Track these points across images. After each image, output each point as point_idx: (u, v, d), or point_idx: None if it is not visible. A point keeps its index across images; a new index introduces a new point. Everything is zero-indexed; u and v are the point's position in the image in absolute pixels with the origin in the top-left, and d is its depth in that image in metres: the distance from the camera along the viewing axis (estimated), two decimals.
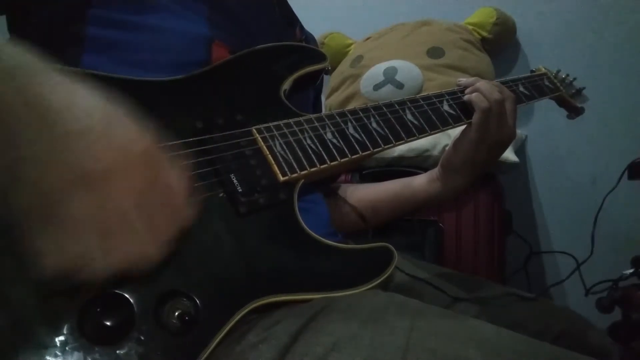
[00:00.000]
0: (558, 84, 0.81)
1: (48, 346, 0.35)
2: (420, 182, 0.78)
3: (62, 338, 0.36)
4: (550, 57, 1.47)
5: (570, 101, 0.86)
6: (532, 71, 0.87)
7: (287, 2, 0.80)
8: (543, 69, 0.86)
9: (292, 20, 0.80)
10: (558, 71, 0.88)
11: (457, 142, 0.72)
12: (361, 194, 0.83)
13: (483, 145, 0.69)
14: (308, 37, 0.83)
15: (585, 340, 0.66)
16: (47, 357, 0.35)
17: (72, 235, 0.33)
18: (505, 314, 0.68)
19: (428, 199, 0.77)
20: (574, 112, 0.87)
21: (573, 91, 0.87)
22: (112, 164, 0.34)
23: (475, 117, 0.69)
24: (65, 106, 0.33)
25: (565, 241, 1.43)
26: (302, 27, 0.81)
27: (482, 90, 0.69)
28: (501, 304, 0.70)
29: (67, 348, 0.36)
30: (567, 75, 0.88)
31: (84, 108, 0.34)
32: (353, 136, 0.60)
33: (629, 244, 1.24)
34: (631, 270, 0.89)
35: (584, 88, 0.88)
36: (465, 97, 0.71)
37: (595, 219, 0.95)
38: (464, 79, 0.74)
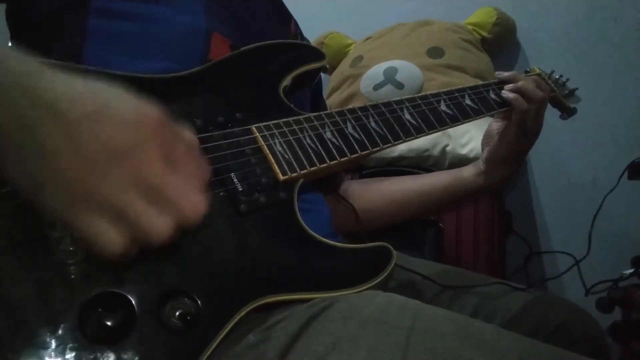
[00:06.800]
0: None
1: (48, 346, 0.35)
2: (469, 173, 0.81)
3: (62, 338, 0.36)
4: (550, 57, 1.47)
5: (563, 102, 0.87)
6: (526, 71, 0.87)
7: None
8: (537, 70, 0.87)
9: (285, 15, 0.80)
10: (552, 72, 0.88)
11: (503, 136, 0.76)
12: (391, 187, 0.85)
13: (526, 138, 0.74)
14: (301, 34, 0.83)
15: (583, 330, 0.68)
16: (47, 357, 0.35)
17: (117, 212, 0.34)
18: (503, 307, 0.69)
19: (478, 189, 0.80)
20: (567, 112, 0.88)
21: (566, 92, 0.88)
22: (130, 137, 0.34)
23: (515, 117, 0.73)
24: (69, 95, 0.34)
25: (566, 241, 1.43)
26: (296, 23, 0.81)
27: (526, 91, 0.73)
28: (496, 297, 0.71)
29: (67, 348, 0.36)
30: (561, 75, 0.89)
31: (87, 92, 0.35)
32: (352, 135, 0.60)
33: (629, 244, 1.24)
34: (631, 270, 0.89)
35: (576, 89, 0.89)
36: (505, 95, 0.74)
37: (594, 218, 0.95)
38: (503, 73, 0.78)
